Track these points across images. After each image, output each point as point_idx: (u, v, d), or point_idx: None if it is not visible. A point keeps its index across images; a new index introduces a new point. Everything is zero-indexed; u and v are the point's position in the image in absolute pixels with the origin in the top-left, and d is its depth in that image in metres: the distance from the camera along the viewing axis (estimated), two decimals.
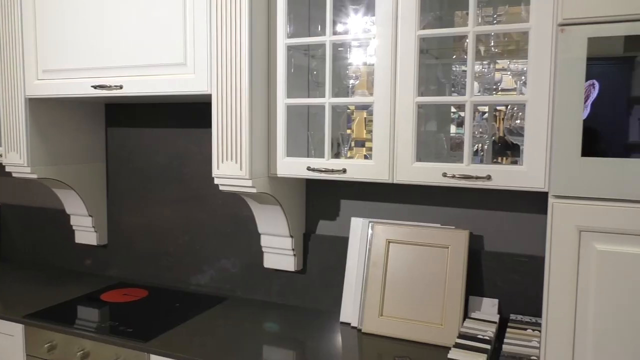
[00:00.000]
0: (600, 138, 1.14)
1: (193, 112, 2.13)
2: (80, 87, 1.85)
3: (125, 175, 2.30)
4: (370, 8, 1.67)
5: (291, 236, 1.90)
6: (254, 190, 1.65)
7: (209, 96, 1.68)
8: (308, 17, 1.82)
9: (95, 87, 1.81)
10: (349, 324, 1.79)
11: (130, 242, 2.31)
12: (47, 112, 2.06)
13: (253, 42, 1.59)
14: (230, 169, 1.64)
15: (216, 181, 1.67)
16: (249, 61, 1.58)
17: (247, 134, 1.60)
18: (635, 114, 1.11)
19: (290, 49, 1.68)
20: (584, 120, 1.15)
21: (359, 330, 1.74)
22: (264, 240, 1.95)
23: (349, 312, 1.80)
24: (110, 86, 1.79)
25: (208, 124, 2.08)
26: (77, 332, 1.73)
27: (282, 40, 1.65)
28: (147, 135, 2.24)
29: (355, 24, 1.72)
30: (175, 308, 1.95)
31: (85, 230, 2.33)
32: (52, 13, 1.87)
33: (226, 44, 1.60)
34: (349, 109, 1.87)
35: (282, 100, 1.66)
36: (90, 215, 2.28)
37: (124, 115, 2.28)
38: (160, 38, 1.71)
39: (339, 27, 1.73)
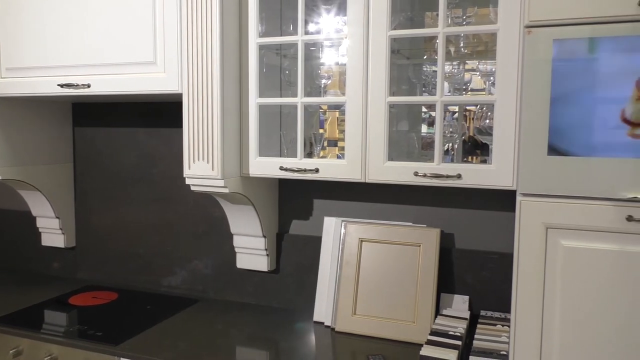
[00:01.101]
0: (565, 137, 1.17)
1: (164, 112, 2.10)
2: (46, 85, 1.80)
3: (94, 176, 2.25)
4: (342, 8, 1.67)
5: (264, 236, 1.89)
6: (226, 191, 1.63)
7: (180, 95, 1.66)
8: (280, 16, 1.82)
9: (61, 85, 1.77)
10: (323, 323, 1.79)
11: (99, 244, 2.27)
12: (11, 111, 2.00)
13: (224, 41, 1.58)
14: (201, 169, 1.62)
15: (187, 181, 1.65)
16: (220, 60, 1.56)
17: (218, 133, 1.58)
18: (599, 113, 1.14)
19: (262, 48, 1.67)
20: (550, 120, 1.18)
21: (333, 329, 1.74)
22: (237, 241, 1.94)
23: (322, 311, 1.80)
24: (77, 85, 1.75)
25: (179, 124, 2.05)
26: (44, 337, 1.68)
27: (254, 40, 1.64)
28: (116, 135, 2.20)
29: (327, 23, 1.72)
30: (146, 310, 1.92)
31: (52, 232, 2.27)
32: (15, 9, 1.81)
33: (197, 42, 1.58)
34: (321, 108, 1.87)
35: (254, 100, 1.66)
36: (57, 217, 2.23)
37: (92, 115, 2.24)
38: (129, 36, 1.68)
39: (311, 27, 1.73)
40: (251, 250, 1.93)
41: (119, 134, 2.19)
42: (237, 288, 2.04)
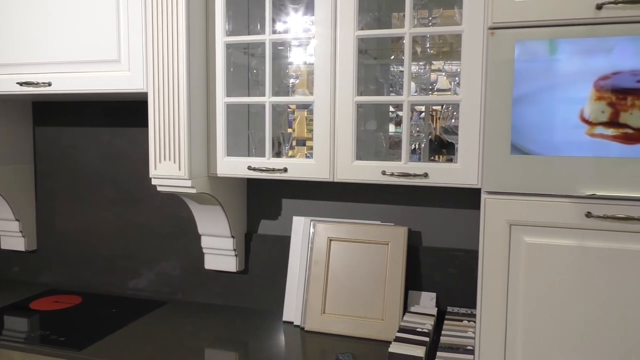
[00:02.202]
0: (527, 137, 1.20)
1: (129, 111, 2.06)
2: (5, 84, 1.74)
3: (56, 177, 2.19)
4: (309, 7, 1.67)
5: (232, 236, 1.87)
6: (193, 191, 1.61)
7: (145, 94, 1.63)
8: (247, 15, 1.81)
9: (20, 84, 1.71)
10: (292, 322, 1.79)
11: (62, 247, 2.21)
12: None
13: (191, 39, 1.56)
14: (168, 169, 1.60)
15: (154, 182, 1.63)
16: (186, 58, 1.54)
17: (185, 133, 1.56)
18: (560, 113, 1.17)
19: (229, 47, 1.66)
20: (513, 120, 1.21)
21: (302, 328, 1.74)
22: (205, 242, 1.92)
23: (291, 311, 1.80)
24: (37, 83, 1.70)
25: (145, 123, 2.02)
26: (4, 344, 1.63)
27: (221, 38, 1.62)
28: (79, 135, 2.14)
29: (295, 23, 1.72)
30: (111, 314, 1.88)
31: (12, 235, 2.20)
32: None
33: (162, 40, 1.55)
34: (289, 108, 1.87)
35: (222, 99, 1.64)
36: (17, 220, 2.16)
37: (54, 114, 2.17)
38: (92, 33, 1.64)
39: (279, 26, 1.73)
40: (219, 250, 1.91)
41: (82, 134, 2.14)
42: (206, 289, 2.02)
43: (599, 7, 1.13)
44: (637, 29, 1.12)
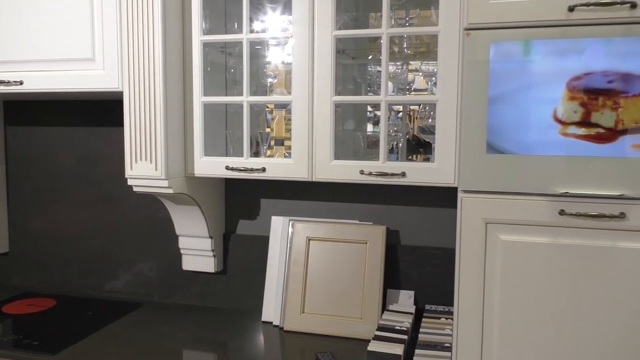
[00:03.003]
0: (502, 136, 1.22)
1: (104, 110, 2.03)
2: None
3: (29, 178, 2.15)
4: (287, 7, 1.67)
5: (210, 237, 1.86)
6: (170, 191, 1.60)
7: (121, 93, 1.61)
8: (225, 13, 1.79)
9: None
10: (271, 322, 1.79)
11: (36, 249, 2.16)
12: None
13: (167, 38, 1.54)
14: (144, 169, 1.58)
15: (130, 182, 1.61)
16: (162, 57, 1.53)
17: (162, 132, 1.55)
18: (533, 113, 1.19)
19: (206, 46, 1.65)
20: (488, 120, 1.22)
21: (281, 328, 1.74)
22: (182, 242, 1.90)
23: (270, 311, 1.80)
24: (8, 82, 1.66)
25: (120, 123, 1.99)
26: None
27: (198, 37, 1.61)
28: (53, 135, 2.10)
29: (273, 22, 1.72)
30: (87, 317, 1.84)
31: None
32: None
33: (138, 39, 1.53)
34: (267, 107, 1.87)
35: (199, 99, 1.63)
36: None
37: (27, 113, 2.13)
38: (65, 30, 1.61)
39: (257, 25, 1.72)
40: (197, 251, 1.89)
41: (56, 134, 2.10)
42: (183, 290, 2.00)
43: (571, 9, 1.15)
44: (608, 30, 1.14)
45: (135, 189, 1.62)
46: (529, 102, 1.20)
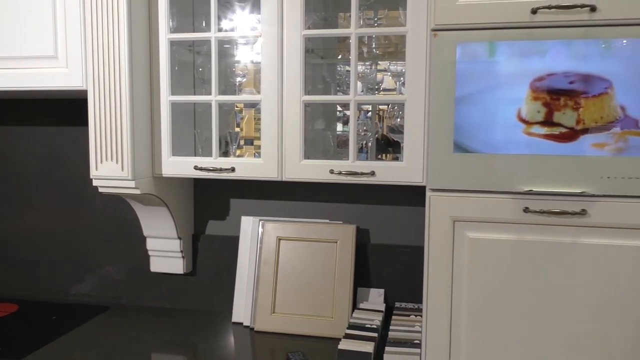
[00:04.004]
0: (469, 135, 1.24)
1: (68, 109, 1.98)
2: None
3: None
4: (256, 6, 1.66)
5: (179, 238, 1.84)
6: (137, 192, 1.57)
7: (85, 92, 1.57)
8: (192, 11, 1.77)
9: None
10: (242, 323, 1.77)
11: None
12: None
13: (133, 36, 1.51)
14: (110, 169, 1.54)
15: (95, 183, 1.57)
16: (128, 55, 1.50)
17: (128, 132, 1.52)
18: (499, 113, 1.22)
19: (173, 44, 1.62)
20: (455, 119, 1.24)
21: (252, 329, 1.73)
22: (150, 244, 1.87)
23: (241, 311, 1.79)
24: None
25: (85, 122, 1.94)
26: None
27: (165, 35, 1.59)
28: (14, 135, 2.03)
29: (241, 21, 1.70)
30: (51, 321, 1.79)
31: None
32: None
33: (103, 36, 1.50)
34: (237, 107, 1.85)
35: (166, 98, 1.60)
36: None
37: None
38: (26, 27, 1.56)
39: (225, 24, 1.71)
40: (166, 252, 1.87)
41: (18, 133, 2.03)
42: (152, 292, 1.96)
43: (534, 11, 1.18)
44: (569, 33, 1.18)
45: (101, 190, 1.58)
46: (494, 102, 1.22)
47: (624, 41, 1.15)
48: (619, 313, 1.21)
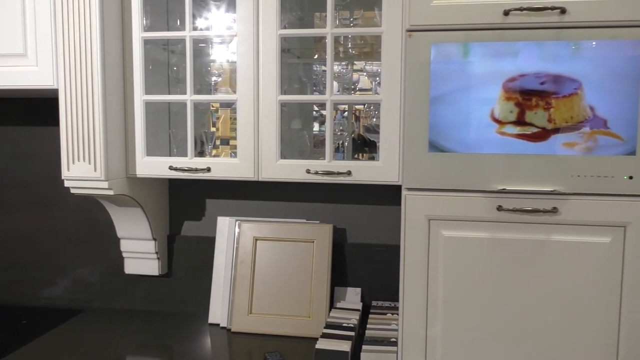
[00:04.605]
0: (444, 135, 1.26)
1: (39, 108, 1.93)
2: None
3: None
4: (231, 5, 1.65)
5: (154, 239, 1.81)
6: (111, 193, 1.54)
7: (56, 91, 1.54)
8: (166, 10, 1.75)
9: None
10: (218, 324, 1.76)
11: None
12: None
13: (105, 34, 1.48)
14: (83, 170, 1.51)
15: (67, 184, 1.54)
16: (100, 54, 1.47)
17: (100, 132, 1.49)
18: (473, 113, 1.24)
19: (147, 43, 1.60)
20: (430, 119, 1.26)
21: (229, 330, 1.72)
22: (124, 245, 1.84)
23: (217, 312, 1.77)
24: None
25: (57, 122, 1.90)
26: None
27: (138, 34, 1.56)
28: None
29: (217, 20, 1.69)
30: (22, 326, 1.75)
31: None
32: None
33: (74, 34, 1.47)
34: (213, 106, 1.84)
35: (140, 97, 1.58)
36: None
37: None
38: None
39: (200, 23, 1.69)
40: (140, 254, 1.84)
41: None
42: (126, 295, 1.93)
43: (506, 13, 1.20)
44: (540, 34, 1.20)
45: (73, 190, 1.55)
46: (468, 102, 1.24)
47: (593, 43, 1.18)
48: (590, 307, 1.24)
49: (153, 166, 1.60)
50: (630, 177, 1.20)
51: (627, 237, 1.21)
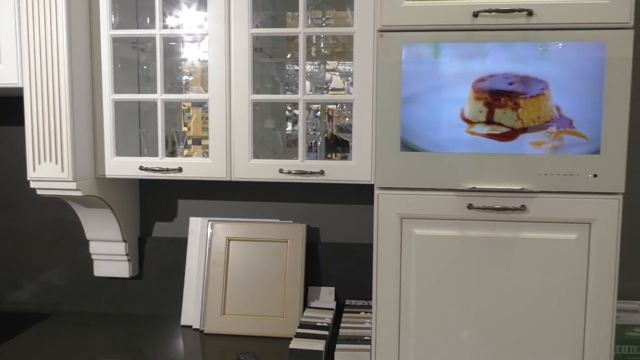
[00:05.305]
0: (415, 135, 1.27)
1: (3, 107, 1.87)
2: None
3: None
4: (202, 3, 1.63)
5: (124, 240, 1.78)
6: (79, 194, 1.51)
7: (21, 89, 1.49)
8: (136, 7, 1.72)
9: None
10: (191, 326, 1.74)
11: None
12: None
13: (72, 31, 1.45)
14: (49, 170, 1.48)
15: (33, 185, 1.50)
16: (67, 52, 1.44)
17: (68, 132, 1.46)
18: (444, 112, 1.25)
19: (116, 40, 1.57)
20: (402, 119, 1.27)
21: (201, 331, 1.70)
22: (93, 247, 1.80)
23: (190, 314, 1.75)
24: None
25: (22, 121, 1.85)
26: None
27: (107, 31, 1.53)
28: None
29: (188, 18, 1.67)
30: None
31: None
32: None
33: (39, 31, 1.43)
34: (184, 106, 1.81)
35: (109, 96, 1.55)
36: None
37: None
38: None
39: (171, 21, 1.67)
40: (110, 256, 1.81)
41: None
42: (96, 298, 1.90)
43: (475, 14, 1.22)
44: (509, 35, 1.22)
45: (39, 192, 1.51)
46: (439, 102, 1.25)
47: (559, 45, 1.21)
48: (557, 300, 1.27)
49: (123, 166, 1.57)
50: (595, 176, 1.23)
51: (592, 234, 1.25)
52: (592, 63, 1.20)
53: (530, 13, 1.21)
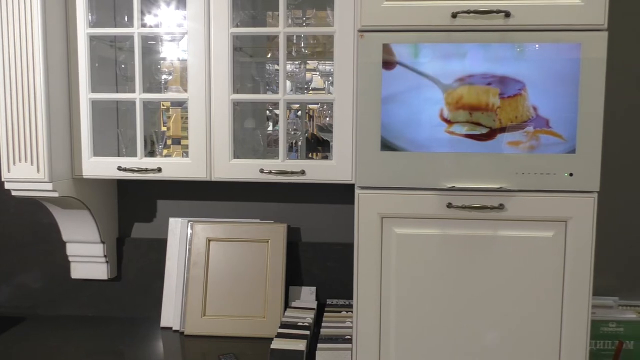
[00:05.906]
0: (395, 134, 1.28)
1: None
2: None
3: None
4: (181, 1, 1.62)
5: (102, 242, 1.76)
6: (55, 195, 1.48)
7: None
8: (113, 5, 1.70)
9: None
10: (171, 328, 1.72)
11: None
12: None
13: (48, 29, 1.43)
14: (24, 171, 1.45)
15: (7, 186, 1.47)
16: (43, 50, 1.41)
17: (44, 131, 1.43)
18: (423, 112, 1.26)
19: (93, 39, 1.55)
20: (382, 118, 1.27)
21: (182, 333, 1.69)
22: (70, 249, 1.77)
23: (169, 316, 1.74)
24: None
25: None
26: None
27: (84, 30, 1.51)
28: None
29: (167, 16, 1.65)
30: None
31: None
32: None
33: (14, 29, 1.40)
34: (163, 105, 1.80)
35: (86, 95, 1.53)
36: None
37: None
38: None
39: (149, 19, 1.65)
40: (88, 258, 1.78)
41: None
42: (73, 300, 1.86)
43: (454, 15, 1.24)
44: (486, 36, 1.24)
45: (14, 193, 1.48)
46: (419, 102, 1.26)
47: (536, 46, 1.23)
48: (535, 297, 1.29)
49: (101, 167, 1.55)
50: (571, 174, 1.26)
51: (568, 231, 1.27)
52: (567, 64, 1.23)
53: (507, 14, 1.23)
